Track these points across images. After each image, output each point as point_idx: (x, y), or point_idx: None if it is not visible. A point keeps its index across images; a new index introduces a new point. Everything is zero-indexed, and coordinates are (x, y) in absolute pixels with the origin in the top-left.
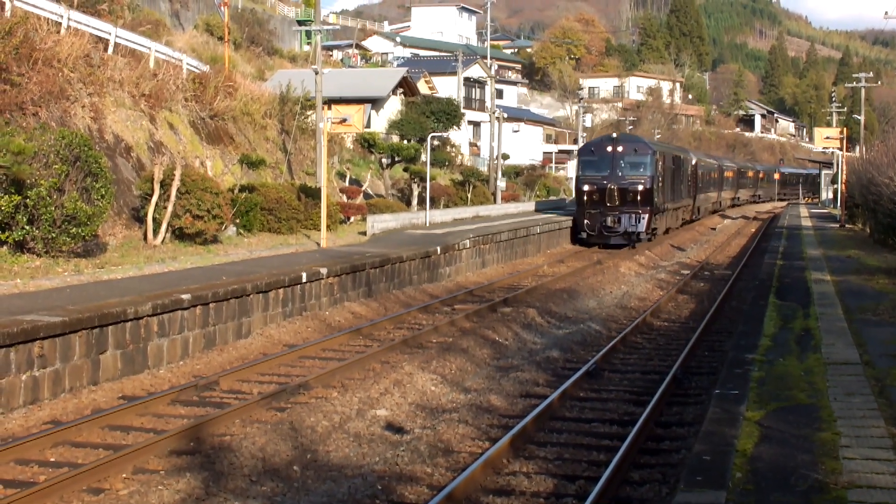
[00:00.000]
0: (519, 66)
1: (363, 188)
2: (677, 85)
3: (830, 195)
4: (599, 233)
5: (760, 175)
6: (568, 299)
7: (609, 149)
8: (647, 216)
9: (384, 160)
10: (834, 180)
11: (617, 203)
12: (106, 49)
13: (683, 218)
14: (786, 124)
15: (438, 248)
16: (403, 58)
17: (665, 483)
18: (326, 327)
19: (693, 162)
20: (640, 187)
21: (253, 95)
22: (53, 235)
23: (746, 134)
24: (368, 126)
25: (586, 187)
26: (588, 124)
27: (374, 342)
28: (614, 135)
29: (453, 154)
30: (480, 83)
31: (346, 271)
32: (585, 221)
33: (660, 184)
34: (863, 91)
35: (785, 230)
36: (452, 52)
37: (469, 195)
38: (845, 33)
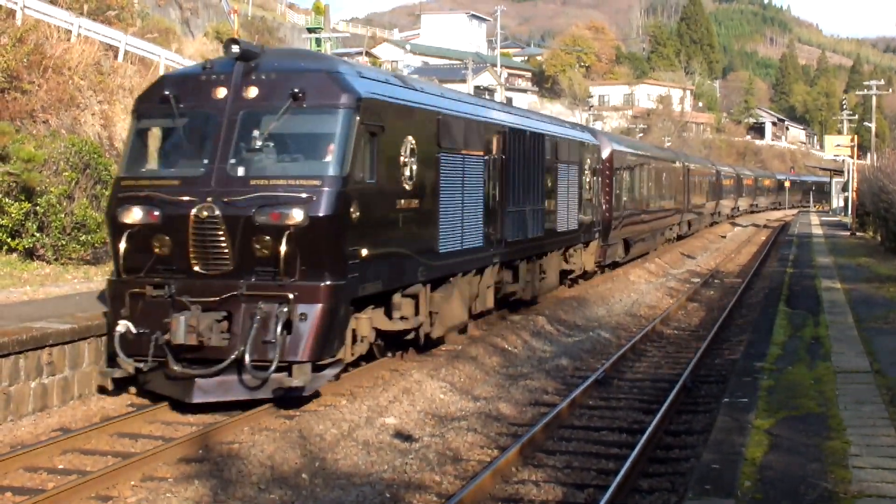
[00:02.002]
0: (529, 74)
1: None
2: (687, 93)
3: (841, 203)
4: (156, 358)
5: (747, 182)
6: (577, 307)
7: (221, 93)
8: (320, 307)
9: None
10: (845, 188)
11: (227, 264)
12: (116, 56)
13: (575, 266)
14: (796, 132)
15: None
16: (413, 66)
17: (674, 491)
18: None
19: (606, 154)
20: (298, 214)
21: None
22: (63, 243)
23: (757, 142)
24: None
25: (134, 215)
26: None
27: None
28: (236, 48)
29: None
30: (490, 91)
31: None
32: (119, 326)
33: (404, 202)
34: (874, 99)
35: (795, 238)
36: (462, 59)
37: None
38: (856, 41)
